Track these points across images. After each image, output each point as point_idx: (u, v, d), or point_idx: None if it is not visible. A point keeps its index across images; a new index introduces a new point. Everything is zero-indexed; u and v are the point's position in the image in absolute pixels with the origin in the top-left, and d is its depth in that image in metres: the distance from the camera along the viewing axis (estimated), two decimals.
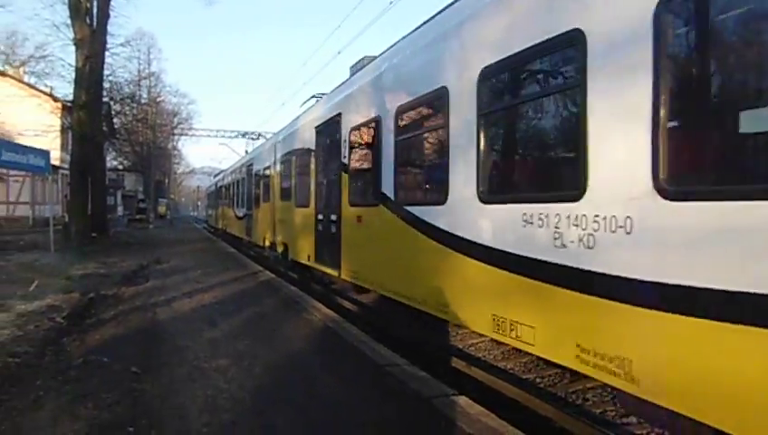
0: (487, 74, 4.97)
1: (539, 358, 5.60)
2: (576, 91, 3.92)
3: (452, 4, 5.84)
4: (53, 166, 18.54)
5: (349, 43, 64.70)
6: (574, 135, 3.98)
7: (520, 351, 5.43)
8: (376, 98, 7.54)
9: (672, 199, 3.16)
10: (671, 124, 3.27)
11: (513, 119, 5.02)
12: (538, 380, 5.66)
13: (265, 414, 3.80)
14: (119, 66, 26.92)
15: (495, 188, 5.03)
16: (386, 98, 7.11)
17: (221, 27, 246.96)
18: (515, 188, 4.96)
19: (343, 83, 9.52)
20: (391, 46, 7.51)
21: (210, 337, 6.03)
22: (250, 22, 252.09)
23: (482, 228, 4.98)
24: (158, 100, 51.07)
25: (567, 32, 3.96)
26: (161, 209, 55.22)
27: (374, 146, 7.42)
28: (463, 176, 5.27)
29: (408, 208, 6.34)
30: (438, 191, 5.71)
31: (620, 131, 3.53)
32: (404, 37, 7.11)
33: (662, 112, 3.24)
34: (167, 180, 68.72)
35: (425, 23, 6.48)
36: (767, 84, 3.00)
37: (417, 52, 6.49)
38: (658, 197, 3.23)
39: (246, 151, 34.34)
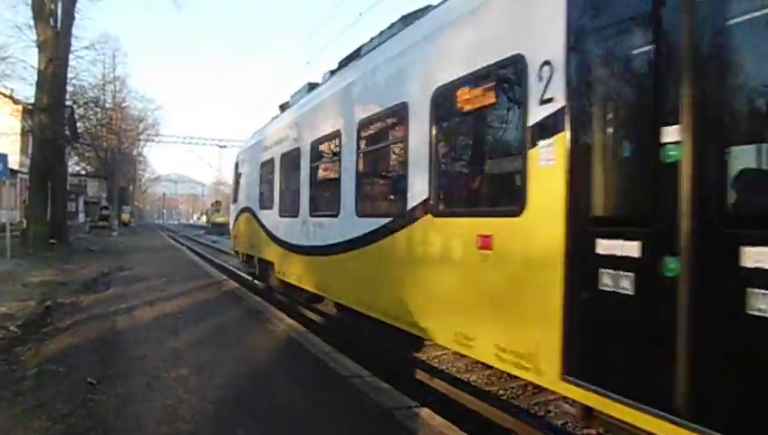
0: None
1: (502, 371, 5.73)
2: None
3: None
4: (12, 170, 17.93)
5: (318, 55, 64.74)
6: None
7: (483, 363, 5.54)
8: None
9: None
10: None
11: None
12: (501, 392, 5.73)
13: (226, 425, 3.76)
14: (83, 70, 26.37)
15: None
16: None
17: (190, 35, 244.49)
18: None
19: None
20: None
21: (171, 347, 5.93)
22: (219, 29, 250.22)
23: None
24: (124, 105, 50.08)
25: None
26: (125, 217, 53.85)
27: None
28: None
29: None
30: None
31: None
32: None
33: None
34: (131, 187, 67.24)
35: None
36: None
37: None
38: None
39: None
